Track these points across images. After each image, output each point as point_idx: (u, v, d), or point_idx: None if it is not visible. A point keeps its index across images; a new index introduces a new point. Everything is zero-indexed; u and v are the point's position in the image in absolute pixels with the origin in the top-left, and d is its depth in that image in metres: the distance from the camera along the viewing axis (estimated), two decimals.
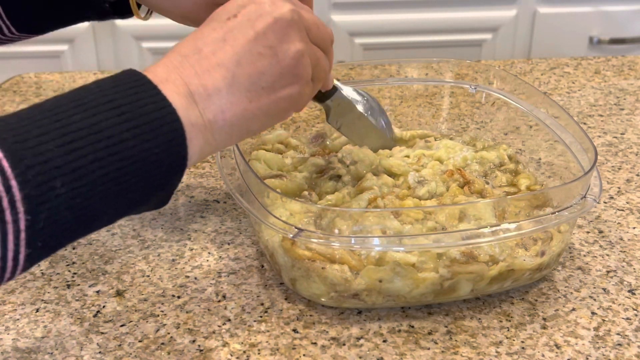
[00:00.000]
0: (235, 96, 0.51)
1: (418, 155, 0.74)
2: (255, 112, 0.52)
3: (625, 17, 1.81)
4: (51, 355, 0.57)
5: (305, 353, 0.57)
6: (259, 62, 0.52)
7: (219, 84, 0.51)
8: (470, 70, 0.83)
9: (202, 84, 0.50)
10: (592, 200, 0.60)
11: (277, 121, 0.56)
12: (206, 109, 0.50)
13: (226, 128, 0.51)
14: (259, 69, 0.52)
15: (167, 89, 0.48)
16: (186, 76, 0.50)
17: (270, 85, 0.52)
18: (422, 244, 0.58)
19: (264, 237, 0.63)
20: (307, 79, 0.55)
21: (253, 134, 0.55)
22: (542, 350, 0.58)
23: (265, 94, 0.52)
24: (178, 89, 0.49)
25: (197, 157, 0.50)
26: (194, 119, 0.49)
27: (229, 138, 0.52)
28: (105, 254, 0.69)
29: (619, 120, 0.95)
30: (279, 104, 0.54)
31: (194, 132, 0.49)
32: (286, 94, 0.54)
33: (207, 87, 0.50)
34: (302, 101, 0.56)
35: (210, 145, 0.51)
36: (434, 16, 1.76)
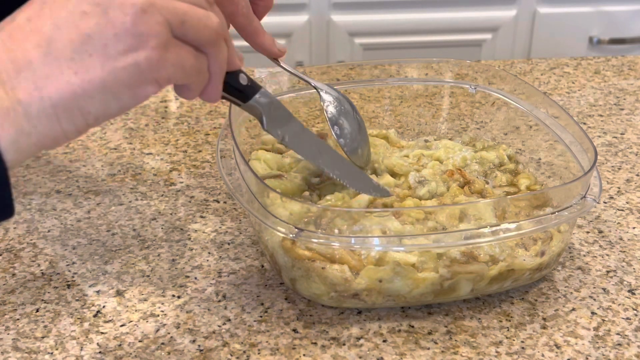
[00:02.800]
0: (53, 68, 0.41)
1: (417, 155, 0.74)
2: (86, 87, 0.41)
3: (625, 17, 1.81)
4: (51, 355, 0.57)
5: (305, 353, 0.57)
6: (83, 23, 0.41)
7: (31, 54, 0.41)
8: (470, 70, 0.83)
9: (11, 58, 0.41)
10: (592, 200, 0.60)
11: (128, 100, 0.44)
12: (16, 87, 0.40)
13: (47, 110, 0.41)
14: (84, 30, 0.41)
15: None
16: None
17: (100, 51, 0.41)
18: (422, 244, 0.58)
19: (264, 237, 0.63)
20: (159, 41, 0.43)
21: (95, 118, 0.43)
22: (542, 350, 0.58)
23: (97, 64, 0.41)
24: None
25: (13, 154, 0.41)
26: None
27: (56, 124, 0.42)
28: (105, 254, 0.69)
29: (619, 120, 0.95)
30: (119, 75, 0.42)
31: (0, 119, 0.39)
32: (128, 61, 0.42)
33: (17, 60, 0.40)
34: (160, 71, 0.44)
35: (28, 136, 0.41)
36: (434, 16, 1.76)
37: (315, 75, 0.86)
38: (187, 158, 0.85)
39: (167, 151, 0.86)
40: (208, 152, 0.86)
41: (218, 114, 0.96)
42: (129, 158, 0.85)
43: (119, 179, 0.81)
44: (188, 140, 0.89)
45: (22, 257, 0.68)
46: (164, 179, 0.81)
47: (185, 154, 0.86)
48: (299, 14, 1.73)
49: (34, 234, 0.71)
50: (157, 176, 0.81)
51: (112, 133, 0.90)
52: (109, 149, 0.87)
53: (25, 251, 0.69)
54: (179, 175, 0.82)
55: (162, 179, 0.81)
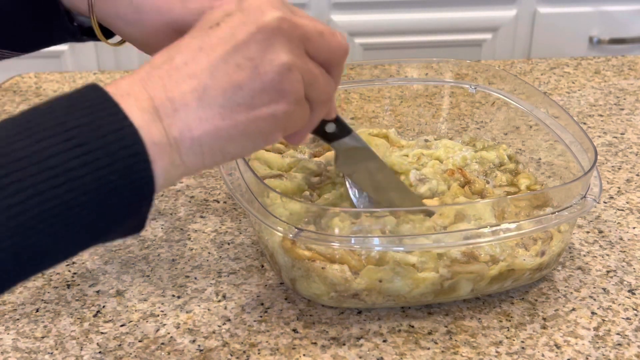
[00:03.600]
0: (206, 112, 0.45)
1: (417, 154, 0.74)
2: (230, 132, 0.46)
3: (625, 17, 1.81)
4: (51, 355, 0.57)
5: (305, 353, 0.57)
6: (236, 75, 0.46)
7: (188, 98, 0.45)
8: (470, 70, 0.83)
9: (169, 97, 0.44)
10: (592, 200, 0.60)
11: (260, 144, 0.49)
12: (172, 125, 0.44)
13: (195, 148, 0.45)
14: (236, 82, 0.46)
15: (128, 104, 0.43)
16: (152, 89, 0.44)
17: (248, 101, 0.46)
18: (422, 244, 0.58)
19: (264, 237, 0.63)
20: (296, 96, 0.48)
21: (232, 157, 0.48)
22: (542, 350, 0.58)
23: (243, 112, 0.46)
24: (141, 104, 0.43)
25: (162, 181, 0.44)
26: (158, 137, 0.43)
27: (199, 160, 0.46)
28: (105, 254, 0.69)
29: (619, 120, 0.95)
30: (259, 124, 0.47)
31: (157, 152, 0.43)
32: (268, 112, 0.47)
33: (174, 100, 0.44)
34: (290, 122, 0.49)
35: (177, 168, 0.45)
36: (434, 16, 1.76)
37: None
38: None
39: None
40: None
41: None
42: None
43: None
44: None
45: None
46: None
47: None
48: None
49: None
50: None
51: None
52: None
53: None
54: None
55: None
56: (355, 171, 0.65)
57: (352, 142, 0.62)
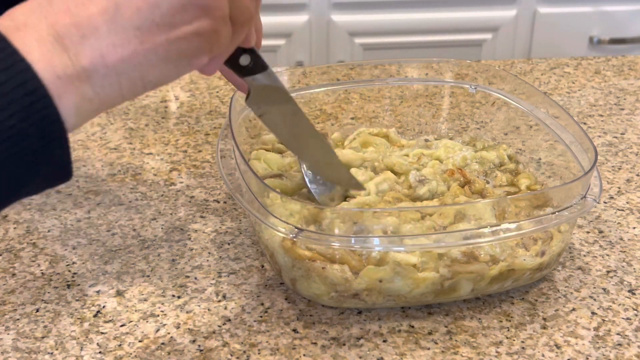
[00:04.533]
0: (120, 35, 0.40)
1: (417, 154, 0.74)
2: (149, 56, 0.42)
3: (625, 17, 1.81)
4: (51, 355, 0.57)
5: (305, 353, 0.57)
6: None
7: (97, 21, 0.40)
8: (470, 70, 0.83)
9: (74, 22, 0.40)
10: (592, 200, 0.60)
11: (185, 69, 0.44)
12: (80, 54, 0.40)
13: (110, 78, 0.41)
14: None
15: (23, 37, 0.39)
16: (53, 14, 0.40)
17: (167, 20, 0.41)
18: (422, 244, 0.58)
19: (264, 237, 0.63)
20: (221, 12, 0.44)
21: (153, 85, 0.44)
22: (542, 350, 0.58)
23: (162, 32, 0.41)
24: (39, 34, 0.39)
25: (75, 118, 0.41)
26: (62, 69, 0.39)
27: (117, 91, 0.42)
28: (105, 254, 0.69)
29: (619, 120, 0.95)
30: (182, 45, 0.42)
31: (63, 86, 0.39)
32: (191, 30, 0.42)
33: (81, 25, 0.40)
34: (216, 43, 0.44)
35: (91, 102, 0.41)
36: (434, 16, 1.76)
37: (315, 75, 0.86)
38: (187, 158, 0.85)
39: (167, 151, 0.86)
40: (208, 152, 0.86)
41: (218, 114, 0.96)
42: (129, 158, 0.85)
43: (119, 179, 0.81)
44: (188, 140, 0.89)
45: (22, 257, 0.68)
46: (164, 179, 0.81)
47: (185, 154, 0.86)
48: (299, 14, 1.73)
49: (34, 234, 0.71)
50: (157, 176, 0.81)
51: (112, 133, 0.90)
52: (109, 149, 0.87)
53: (25, 251, 0.69)
54: (179, 175, 0.82)
55: (162, 179, 0.81)
56: (267, 112, 0.60)
57: (267, 80, 0.58)
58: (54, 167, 0.41)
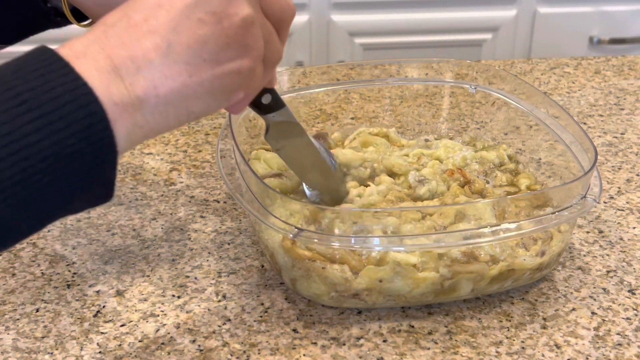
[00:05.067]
0: (172, 69, 0.43)
1: (417, 154, 0.74)
2: (196, 89, 0.45)
3: (625, 17, 1.81)
4: (51, 355, 0.57)
5: (305, 353, 0.57)
6: (200, 30, 0.44)
7: (151, 55, 0.43)
8: (470, 70, 0.83)
9: (130, 55, 0.42)
10: (592, 200, 0.60)
11: (223, 103, 0.48)
12: (135, 84, 0.42)
13: (160, 107, 0.44)
14: (200, 37, 0.44)
15: (83, 64, 0.41)
16: (110, 47, 0.42)
17: (214, 57, 0.44)
18: (422, 244, 0.58)
19: (264, 237, 0.63)
20: (258, 53, 0.47)
21: (195, 116, 0.47)
22: (542, 350, 0.58)
23: (209, 68, 0.45)
24: (98, 64, 0.41)
25: (125, 143, 0.43)
26: (118, 96, 0.41)
27: (164, 120, 0.45)
28: (105, 254, 0.69)
29: (619, 120, 0.95)
30: (224, 80, 0.46)
31: (119, 112, 0.41)
32: (234, 68, 0.46)
33: (136, 58, 0.42)
34: (253, 80, 0.48)
35: (141, 128, 0.43)
36: (434, 16, 1.76)
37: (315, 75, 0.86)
38: (187, 158, 0.85)
39: (167, 151, 0.86)
40: (208, 152, 0.86)
41: (218, 114, 0.95)
42: (129, 158, 0.85)
43: (119, 179, 0.81)
44: (188, 140, 0.89)
45: (22, 257, 0.68)
46: (164, 179, 0.81)
47: (185, 154, 0.86)
48: (299, 14, 1.73)
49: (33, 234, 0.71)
50: (157, 176, 0.81)
51: None
52: None
53: (25, 251, 0.69)
54: (179, 175, 0.82)
55: (162, 179, 0.81)
56: (284, 146, 0.64)
57: (284, 117, 0.62)
58: (101, 187, 0.43)
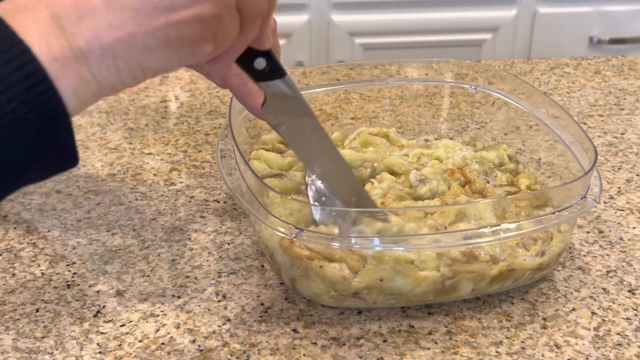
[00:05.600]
0: (117, 16, 0.39)
1: (417, 154, 0.74)
2: (147, 40, 0.40)
3: (625, 17, 1.81)
4: (51, 355, 0.57)
5: (305, 353, 0.57)
6: None
7: (95, 1, 0.39)
8: (470, 70, 0.83)
9: (73, 3, 0.39)
10: (592, 200, 0.60)
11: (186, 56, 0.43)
12: (76, 34, 0.39)
13: (107, 60, 0.40)
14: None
15: (22, 19, 0.38)
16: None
17: (167, 3, 0.40)
18: (422, 244, 0.58)
19: (264, 237, 0.63)
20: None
21: (153, 72, 0.42)
22: (542, 350, 0.58)
23: (161, 15, 0.40)
24: (38, 16, 0.39)
25: (75, 101, 0.40)
26: (59, 50, 0.38)
27: (115, 75, 0.41)
28: (105, 254, 0.69)
29: (619, 120, 0.95)
30: (182, 30, 0.41)
31: (60, 68, 0.38)
32: (192, 14, 0.41)
33: (79, 6, 0.39)
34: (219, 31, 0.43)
35: (89, 85, 0.40)
36: (434, 16, 1.76)
37: (315, 75, 0.86)
38: (187, 158, 0.85)
39: (167, 151, 0.86)
40: (208, 152, 0.86)
41: (218, 114, 0.96)
42: (129, 158, 0.85)
43: (119, 179, 0.81)
44: (188, 140, 0.89)
45: (22, 257, 0.68)
46: (164, 179, 0.81)
47: (185, 154, 0.86)
48: (299, 14, 1.73)
49: (34, 234, 0.71)
50: (157, 176, 0.81)
51: (112, 133, 0.90)
52: (109, 149, 0.87)
53: (25, 251, 0.69)
54: (179, 175, 0.82)
55: (162, 179, 0.81)
56: (284, 123, 0.57)
57: (284, 88, 0.54)
58: (58, 151, 0.40)
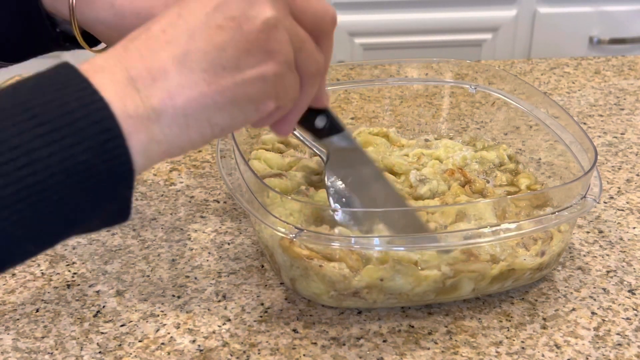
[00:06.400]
0: (189, 77, 0.41)
1: (417, 154, 0.74)
2: (216, 98, 0.42)
3: (625, 17, 1.81)
4: (51, 355, 0.57)
5: (305, 353, 0.57)
6: (218, 36, 0.42)
7: (167, 65, 0.41)
8: (470, 70, 0.83)
9: (147, 66, 0.41)
10: (592, 200, 0.60)
11: (251, 114, 0.45)
12: (150, 95, 0.41)
13: (178, 118, 0.42)
14: (218, 44, 0.42)
15: (100, 79, 0.40)
16: (128, 60, 0.41)
17: (233, 64, 0.42)
18: (422, 244, 0.58)
19: (264, 236, 0.63)
20: (285, 57, 0.44)
21: (220, 130, 0.44)
22: (542, 350, 0.58)
23: (228, 75, 0.42)
24: (115, 77, 0.40)
25: (142, 159, 0.41)
26: (133, 109, 0.40)
27: (184, 133, 0.42)
28: (105, 254, 0.69)
29: (619, 120, 0.95)
30: (247, 89, 0.43)
31: (134, 125, 0.40)
32: (256, 74, 0.43)
33: (153, 69, 0.41)
34: (281, 88, 0.45)
35: (159, 144, 0.42)
36: (434, 16, 1.76)
37: None
38: (187, 158, 0.85)
39: None
40: (208, 152, 0.86)
41: None
42: None
43: None
44: None
45: None
46: (164, 179, 0.81)
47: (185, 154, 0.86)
48: None
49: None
50: (157, 176, 0.81)
51: None
52: None
53: None
54: (179, 175, 0.82)
55: (162, 179, 0.81)
56: (348, 176, 0.59)
57: (345, 142, 0.57)
58: (116, 206, 0.42)
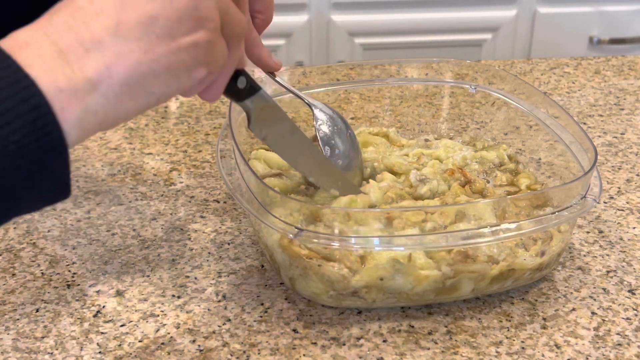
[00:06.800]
0: (124, 47, 0.41)
1: (417, 154, 0.74)
2: (153, 66, 0.43)
3: (625, 17, 1.81)
4: (51, 355, 0.57)
5: (305, 353, 0.57)
6: (148, 6, 0.42)
7: (100, 35, 0.41)
8: (470, 70, 0.83)
9: (78, 38, 0.41)
10: (592, 200, 0.60)
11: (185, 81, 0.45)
12: (84, 66, 0.40)
13: (115, 88, 0.42)
14: (150, 13, 0.42)
15: (26, 54, 0.39)
16: (55, 33, 0.41)
17: (167, 32, 0.43)
18: (422, 244, 0.58)
19: (263, 236, 0.63)
20: (214, 25, 0.45)
21: (156, 98, 0.45)
22: (542, 350, 0.58)
23: (163, 43, 0.43)
24: (42, 51, 0.40)
25: (78, 131, 0.41)
26: (64, 82, 0.40)
27: (120, 103, 0.42)
28: (105, 254, 0.69)
29: (619, 120, 0.95)
30: (181, 56, 0.44)
31: (66, 99, 0.40)
32: (189, 42, 0.44)
33: (84, 40, 0.41)
34: (212, 55, 0.46)
35: (95, 114, 0.42)
36: (434, 16, 1.76)
37: (315, 75, 0.86)
38: (187, 158, 0.85)
39: (167, 151, 0.86)
40: (208, 152, 0.86)
41: (218, 114, 0.96)
42: (129, 158, 0.85)
43: (119, 179, 0.81)
44: (188, 140, 0.89)
45: (22, 257, 0.68)
46: (164, 179, 0.81)
47: (185, 154, 0.86)
48: (299, 14, 1.73)
49: (34, 234, 0.71)
50: (157, 176, 0.81)
51: (112, 133, 0.90)
52: (109, 149, 0.87)
53: (25, 251, 0.69)
54: (179, 175, 0.82)
55: (162, 179, 0.81)
56: (269, 133, 0.61)
57: (264, 100, 0.59)
58: (53, 183, 0.41)
